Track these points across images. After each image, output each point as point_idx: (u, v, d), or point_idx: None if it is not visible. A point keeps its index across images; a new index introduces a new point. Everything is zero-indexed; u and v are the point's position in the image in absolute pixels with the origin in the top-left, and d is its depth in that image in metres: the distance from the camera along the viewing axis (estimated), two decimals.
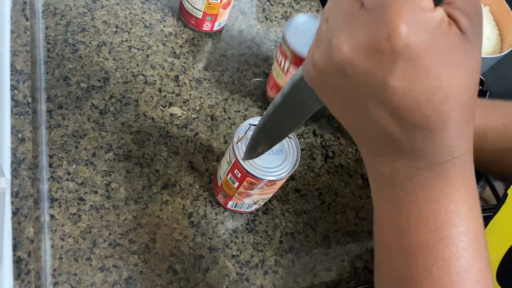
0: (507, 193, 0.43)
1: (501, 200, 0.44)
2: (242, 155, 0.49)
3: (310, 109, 0.34)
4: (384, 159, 0.28)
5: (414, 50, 0.23)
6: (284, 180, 0.52)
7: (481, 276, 0.28)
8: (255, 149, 0.44)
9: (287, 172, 0.50)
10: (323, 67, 0.27)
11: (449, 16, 0.24)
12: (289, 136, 0.52)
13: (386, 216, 0.30)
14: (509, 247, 0.39)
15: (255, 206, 0.57)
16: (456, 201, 0.28)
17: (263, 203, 0.58)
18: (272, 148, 0.47)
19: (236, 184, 0.51)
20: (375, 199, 0.31)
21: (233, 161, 0.50)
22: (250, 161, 0.49)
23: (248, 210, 0.58)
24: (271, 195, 0.56)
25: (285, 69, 0.61)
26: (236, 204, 0.56)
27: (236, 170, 0.50)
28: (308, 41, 0.60)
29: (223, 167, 0.53)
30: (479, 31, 0.25)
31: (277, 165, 0.50)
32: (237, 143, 0.49)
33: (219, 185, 0.55)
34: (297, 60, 0.59)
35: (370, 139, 0.29)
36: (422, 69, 0.23)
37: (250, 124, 0.51)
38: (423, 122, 0.25)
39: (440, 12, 0.23)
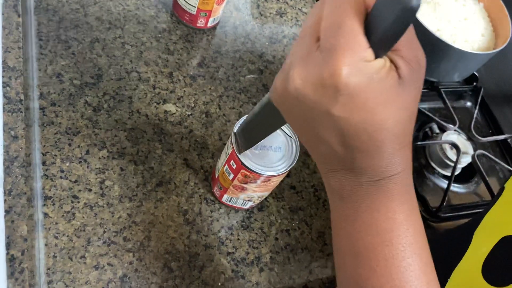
0: (504, 187, 0.43)
1: (497, 194, 0.44)
2: (244, 154, 0.49)
3: (278, 123, 0.40)
4: (334, 174, 0.33)
5: (352, 88, 0.27)
6: (280, 178, 0.52)
7: (421, 273, 0.32)
8: (238, 145, 0.48)
9: (283, 170, 0.50)
10: (282, 93, 0.31)
11: (392, 61, 0.28)
12: (289, 134, 0.52)
13: (338, 223, 0.35)
14: (498, 240, 0.39)
15: (250, 203, 0.57)
16: (393, 210, 0.32)
17: (259, 201, 0.57)
18: (271, 145, 0.50)
19: (232, 176, 0.51)
20: (331, 209, 0.36)
21: (230, 152, 0.50)
22: (247, 154, 0.49)
23: (242, 207, 0.57)
24: (267, 193, 0.55)
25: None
26: (231, 198, 0.55)
27: (232, 161, 0.50)
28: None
29: (221, 158, 0.53)
30: (417, 77, 0.29)
31: (274, 161, 0.50)
32: (234, 134, 0.49)
33: (216, 176, 0.55)
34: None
35: (322, 156, 0.33)
36: (359, 104, 0.28)
37: None
38: (361, 146, 0.30)
39: (380, 61, 0.28)
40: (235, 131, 0.48)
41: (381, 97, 0.28)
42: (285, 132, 0.52)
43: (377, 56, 0.28)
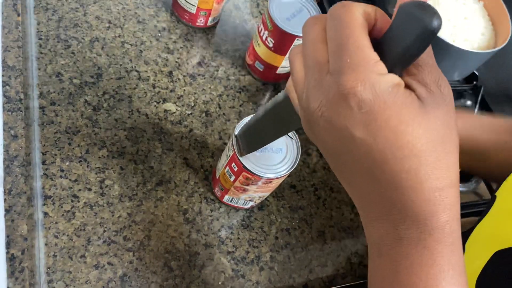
0: (495, 195, 0.43)
1: (488, 203, 0.43)
2: (245, 156, 0.49)
3: (288, 127, 0.38)
4: (373, 223, 0.30)
5: (370, 104, 0.26)
6: (281, 180, 0.52)
7: None
8: (239, 148, 0.48)
9: (284, 172, 0.49)
10: (304, 115, 0.30)
11: (408, 86, 0.27)
12: (290, 136, 0.52)
13: (375, 281, 0.31)
14: (492, 254, 0.38)
15: (251, 203, 0.57)
16: (435, 277, 0.28)
17: (260, 201, 0.57)
18: (272, 146, 0.50)
19: (233, 178, 0.51)
20: (369, 262, 0.32)
21: (231, 154, 0.49)
22: (248, 156, 0.48)
23: (244, 206, 0.57)
24: (268, 193, 0.55)
25: (264, 37, 0.63)
26: (232, 198, 0.55)
27: (233, 164, 0.50)
28: (289, 14, 0.61)
29: (222, 160, 0.53)
30: (441, 101, 0.27)
31: (275, 163, 0.49)
32: (235, 136, 0.49)
33: (217, 177, 0.55)
34: (276, 31, 0.61)
35: (360, 199, 0.30)
36: (381, 121, 0.26)
37: None
38: (394, 179, 0.27)
39: (394, 77, 0.26)
40: (236, 133, 0.48)
41: (402, 114, 0.26)
42: (288, 135, 0.52)
43: (390, 71, 0.27)
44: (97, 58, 0.63)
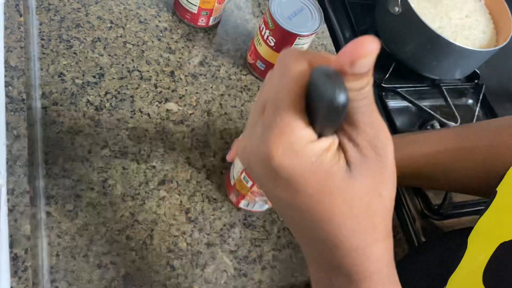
0: (496, 191, 0.43)
1: (489, 198, 0.43)
2: None
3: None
4: (313, 265, 0.31)
5: (288, 172, 0.25)
6: None
7: None
8: None
9: None
10: (242, 162, 0.30)
11: (341, 145, 0.26)
12: None
13: None
14: (496, 247, 0.38)
15: (267, 206, 0.57)
16: None
17: None
18: None
19: (250, 183, 0.51)
20: None
21: None
22: None
23: (260, 210, 0.57)
24: None
25: (265, 37, 0.64)
26: (248, 203, 0.55)
27: None
28: (290, 13, 0.61)
29: (237, 167, 0.53)
30: (373, 166, 0.26)
31: None
32: None
33: (232, 184, 0.55)
34: (277, 30, 0.61)
35: (300, 243, 0.31)
36: (299, 189, 0.25)
37: None
38: (319, 236, 0.27)
39: (324, 143, 0.25)
40: None
41: (324, 184, 0.25)
42: None
43: (322, 135, 0.25)
44: (99, 58, 0.63)
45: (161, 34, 0.69)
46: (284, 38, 0.62)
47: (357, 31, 0.85)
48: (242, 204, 0.56)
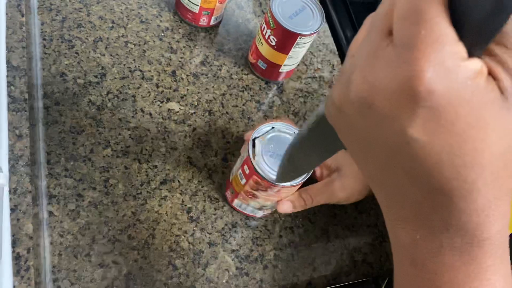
0: None
1: None
2: (256, 156, 0.48)
3: (337, 145, 0.31)
4: (405, 225, 0.25)
5: (437, 99, 0.20)
6: (293, 191, 0.52)
7: None
8: (285, 174, 0.42)
9: (295, 182, 0.48)
10: (341, 105, 0.24)
11: (490, 71, 0.21)
12: None
13: None
14: None
15: (260, 213, 0.56)
16: None
17: (268, 212, 0.57)
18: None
19: (244, 181, 0.51)
20: (396, 270, 0.28)
21: (245, 157, 0.49)
22: (261, 161, 0.48)
23: (251, 213, 0.57)
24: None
25: (266, 36, 0.64)
26: (241, 204, 0.55)
27: (245, 166, 0.49)
28: (292, 13, 0.61)
29: (237, 163, 0.53)
30: None
31: None
32: (252, 140, 0.49)
33: (230, 180, 0.55)
34: (278, 29, 0.61)
35: (390, 198, 0.25)
36: (445, 123, 0.20)
37: (272, 126, 0.50)
38: (444, 186, 0.22)
39: (476, 63, 0.20)
40: (253, 137, 0.49)
41: (477, 115, 0.20)
42: None
43: (471, 53, 0.20)
44: (100, 58, 0.63)
45: (162, 34, 0.69)
46: (285, 38, 0.62)
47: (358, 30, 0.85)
48: (235, 204, 0.56)
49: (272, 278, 0.55)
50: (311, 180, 0.52)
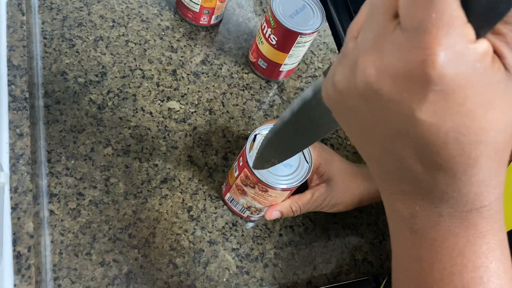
0: None
1: None
2: (252, 150, 0.49)
3: (322, 130, 0.32)
4: (404, 199, 0.26)
5: (448, 82, 0.20)
6: (279, 196, 0.51)
7: None
8: (265, 159, 0.42)
9: (282, 186, 0.48)
10: (344, 89, 0.24)
11: (495, 50, 0.21)
12: (307, 161, 0.50)
13: (406, 263, 0.28)
14: None
15: (248, 213, 0.56)
16: (485, 255, 0.25)
17: (257, 215, 0.56)
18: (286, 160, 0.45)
19: (236, 173, 0.51)
20: (394, 242, 0.29)
21: (242, 149, 0.50)
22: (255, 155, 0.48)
23: (240, 212, 0.57)
24: (265, 209, 0.54)
25: (267, 35, 0.64)
26: (232, 199, 0.55)
27: (241, 158, 0.50)
28: (292, 12, 0.61)
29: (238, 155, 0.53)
30: None
31: (278, 174, 0.49)
32: (253, 136, 0.49)
33: (228, 172, 0.55)
34: (279, 29, 0.61)
35: (389, 174, 0.26)
36: (454, 104, 0.21)
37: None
38: (448, 163, 0.22)
39: (484, 44, 0.21)
40: (255, 132, 0.49)
41: (485, 95, 0.21)
42: (305, 156, 0.51)
43: (478, 34, 0.21)
44: (101, 57, 0.63)
45: (163, 33, 0.69)
46: (286, 37, 0.62)
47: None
48: (227, 197, 0.56)
49: (272, 277, 0.56)
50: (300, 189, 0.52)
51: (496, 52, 0.21)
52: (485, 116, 0.21)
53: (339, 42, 0.82)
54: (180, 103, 0.64)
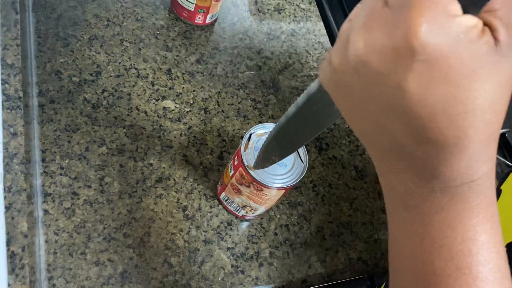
0: (500, 189, 0.42)
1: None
2: (247, 149, 0.49)
3: (324, 123, 0.33)
4: (398, 176, 0.27)
5: (431, 52, 0.21)
6: (275, 196, 0.51)
7: None
8: (266, 158, 0.43)
9: (277, 185, 0.48)
10: (338, 65, 0.26)
11: (487, 24, 0.22)
12: (303, 160, 0.50)
13: (400, 239, 0.28)
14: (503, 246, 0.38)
15: (243, 212, 0.56)
16: (474, 228, 0.25)
17: (252, 214, 0.56)
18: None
19: (232, 172, 0.51)
20: (389, 219, 0.29)
21: (238, 148, 0.50)
22: (250, 154, 0.48)
23: (235, 211, 0.57)
24: (262, 208, 0.54)
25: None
26: (228, 198, 0.55)
27: (236, 157, 0.50)
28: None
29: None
30: None
31: (273, 173, 0.49)
32: (248, 136, 0.49)
33: (224, 171, 0.55)
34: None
35: (384, 151, 0.27)
36: (439, 74, 0.21)
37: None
38: (438, 135, 0.23)
39: (469, 18, 0.21)
40: (251, 131, 0.49)
41: (470, 66, 0.21)
42: (300, 156, 0.51)
43: (466, 10, 0.22)
44: (96, 56, 0.63)
45: (158, 32, 0.69)
46: None
47: None
48: (222, 197, 0.56)
49: (267, 276, 0.56)
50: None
51: (489, 26, 0.22)
52: (471, 87, 0.22)
53: (333, 42, 0.82)
54: (175, 102, 0.64)
